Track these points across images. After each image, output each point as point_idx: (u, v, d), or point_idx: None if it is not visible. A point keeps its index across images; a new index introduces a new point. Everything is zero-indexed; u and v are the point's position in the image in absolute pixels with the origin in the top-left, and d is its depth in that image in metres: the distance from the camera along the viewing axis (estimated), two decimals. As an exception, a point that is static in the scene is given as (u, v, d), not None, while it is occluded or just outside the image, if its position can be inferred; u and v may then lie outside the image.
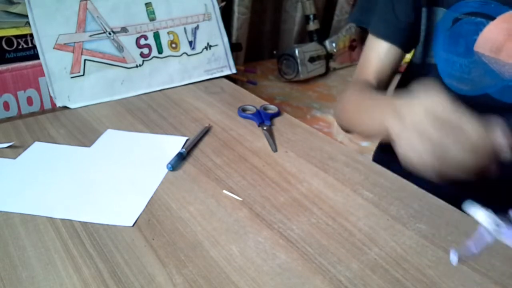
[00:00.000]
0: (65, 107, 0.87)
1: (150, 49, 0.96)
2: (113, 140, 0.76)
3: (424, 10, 0.73)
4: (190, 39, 1.00)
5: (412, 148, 0.48)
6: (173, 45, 0.98)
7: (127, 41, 0.93)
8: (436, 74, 0.72)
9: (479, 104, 0.68)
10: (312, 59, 2.24)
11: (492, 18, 0.65)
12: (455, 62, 0.70)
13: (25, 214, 0.58)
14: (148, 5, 0.96)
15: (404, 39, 0.76)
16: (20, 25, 0.89)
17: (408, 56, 0.81)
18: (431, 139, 0.47)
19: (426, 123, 0.47)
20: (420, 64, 0.76)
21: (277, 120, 0.84)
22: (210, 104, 0.90)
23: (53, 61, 0.86)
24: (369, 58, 0.78)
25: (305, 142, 0.76)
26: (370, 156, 0.93)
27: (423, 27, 0.74)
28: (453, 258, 0.51)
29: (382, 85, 0.79)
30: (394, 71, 0.79)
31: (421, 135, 0.47)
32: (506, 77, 0.66)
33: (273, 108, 0.87)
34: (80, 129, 0.79)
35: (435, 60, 0.72)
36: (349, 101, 0.75)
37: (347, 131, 0.80)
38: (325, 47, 2.33)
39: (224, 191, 0.63)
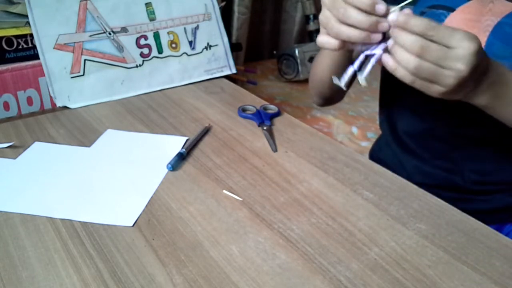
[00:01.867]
0: (65, 107, 0.87)
1: (150, 49, 0.96)
2: (113, 140, 0.76)
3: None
4: (190, 39, 1.00)
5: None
6: (173, 45, 0.98)
7: (127, 41, 0.93)
8: None
9: None
10: (312, 59, 2.24)
11: (452, 9, 0.68)
12: None
13: (25, 214, 0.58)
14: (148, 5, 0.96)
15: None
16: (20, 25, 0.89)
17: None
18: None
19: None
20: None
21: (277, 120, 0.84)
22: (210, 104, 0.90)
23: (53, 61, 0.86)
24: None
25: (305, 142, 0.76)
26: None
27: None
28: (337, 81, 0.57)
29: None
30: None
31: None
32: None
33: (273, 108, 0.87)
34: (80, 129, 0.79)
35: None
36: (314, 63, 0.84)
37: (320, 103, 0.89)
38: (325, 47, 2.33)
39: (224, 191, 0.63)
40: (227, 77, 1.03)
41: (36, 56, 0.86)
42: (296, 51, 2.17)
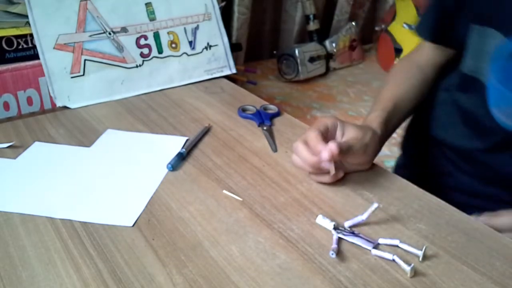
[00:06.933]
0: (65, 107, 0.87)
1: (150, 49, 0.96)
2: (113, 140, 0.76)
3: (475, 27, 0.71)
4: (190, 39, 1.00)
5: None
6: (173, 45, 0.98)
7: (127, 41, 0.93)
8: (483, 95, 0.69)
9: None
10: (312, 59, 2.24)
11: None
12: (506, 97, 0.66)
13: (25, 214, 0.58)
14: (148, 5, 0.96)
15: (441, 38, 0.81)
16: (20, 25, 0.89)
17: None
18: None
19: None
20: (468, 76, 0.74)
21: (277, 120, 0.84)
22: (210, 104, 0.90)
23: (53, 61, 0.86)
24: (425, 44, 0.85)
25: (305, 142, 0.76)
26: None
27: (475, 44, 0.72)
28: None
29: (431, 68, 0.84)
30: (444, 62, 0.84)
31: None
32: None
33: (273, 108, 0.87)
34: (80, 129, 0.79)
35: (486, 81, 0.69)
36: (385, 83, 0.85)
37: None
38: (325, 47, 2.33)
39: (224, 191, 0.63)
40: (227, 77, 1.03)
41: (36, 56, 0.86)
42: (296, 51, 2.17)
